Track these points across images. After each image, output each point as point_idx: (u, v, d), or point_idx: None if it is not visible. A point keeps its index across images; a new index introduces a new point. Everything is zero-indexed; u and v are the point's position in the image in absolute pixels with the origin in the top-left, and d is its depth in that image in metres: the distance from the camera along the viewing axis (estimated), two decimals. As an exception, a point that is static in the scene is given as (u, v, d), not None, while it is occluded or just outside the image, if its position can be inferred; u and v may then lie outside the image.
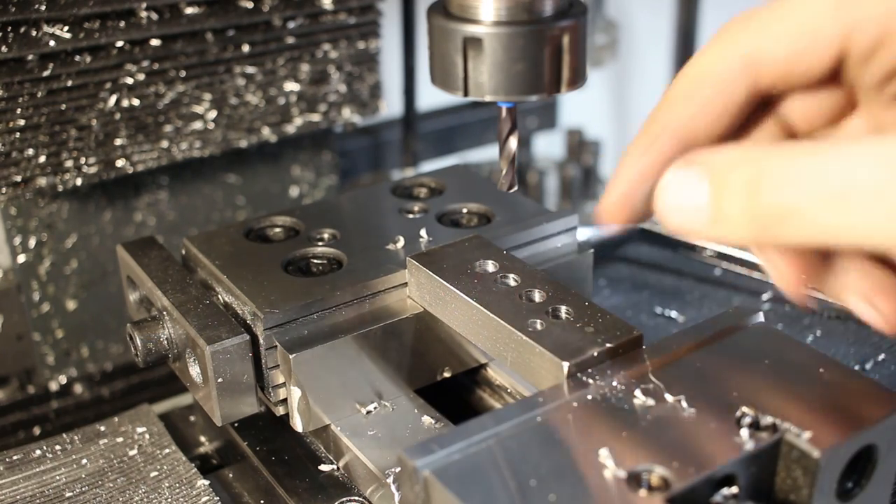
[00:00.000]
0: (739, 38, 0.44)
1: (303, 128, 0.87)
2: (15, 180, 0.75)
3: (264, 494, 0.63)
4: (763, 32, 0.43)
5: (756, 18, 0.44)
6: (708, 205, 0.41)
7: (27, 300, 0.84)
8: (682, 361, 0.51)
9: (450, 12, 0.52)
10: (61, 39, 0.72)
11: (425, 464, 0.44)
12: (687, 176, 0.42)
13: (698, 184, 0.41)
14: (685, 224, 0.42)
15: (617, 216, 0.47)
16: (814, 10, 0.42)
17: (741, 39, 0.44)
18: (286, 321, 0.59)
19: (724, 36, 0.45)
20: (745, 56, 0.44)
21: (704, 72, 0.45)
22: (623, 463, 0.43)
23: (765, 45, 0.43)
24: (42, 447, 0.66)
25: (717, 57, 0.45)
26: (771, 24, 0.43)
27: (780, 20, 0.43)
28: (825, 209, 0.37)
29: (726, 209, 0.40)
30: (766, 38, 0.43)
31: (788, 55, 0.43)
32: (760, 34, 0.43)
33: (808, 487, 0.44)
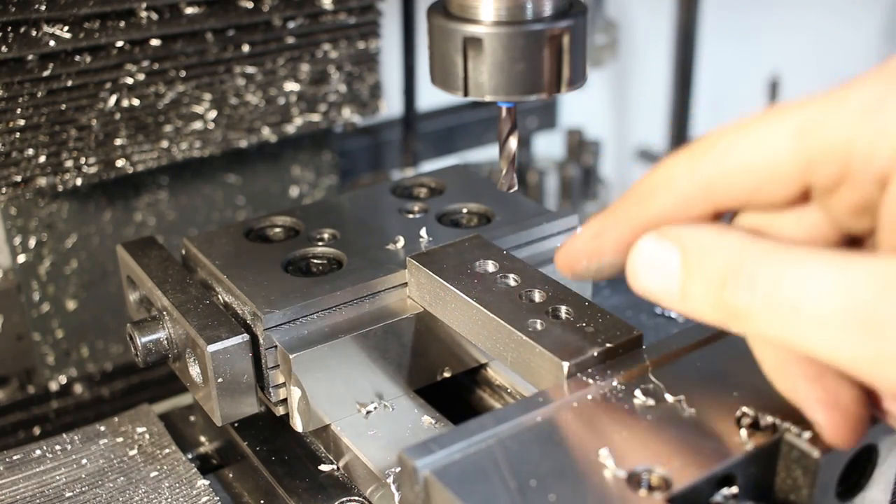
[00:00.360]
0: (701, 162, 0.43)
1: (303, 128, 0.87)
2: (15, 180, 0.75)
3: (264, 494, 0.63)
4: (723, 162, 0.43)
5: (718, 145, 0.43)
6: (677, 281, 0.42)
7: (27, 300, 0.84)
8: (682, 361, 0.51)
9: (450, 12, 0.52)
10: (61, 39, 0.72)
11: (425, 464, 0.44)
12: (661, 249, 0.43)
13: (670, 259, 0.43)
14: (654, 293, 0.44)
15: (567, 268, 0.49)
16: (773, 143, 0.41)
17: (703, 164, 0.43)
18: (286, 321, 0.59)
19: (688, 155, 0.44)
20: (705, 181, 0.43)
21: (664, 183, 0.44)
22: (623, 463, 0.43)
23: (724, 176, 0.43)
24: (42, 447, 0.66)
25: (680, 173, 0.44)
26: (731, 154, 0.43)
27: (740, 153, 0.42)
28: (778, 318, 0.39)
29: (693, 291, 0.42)
30: (725, 170, 0.43)
31: (748, 188, 0.43)
32: (721, 164, 0.43)
33: (808, 487, 0.44)
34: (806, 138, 0.40)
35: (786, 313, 0.39)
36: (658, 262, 0.43)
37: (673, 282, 0.43)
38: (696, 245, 0.42)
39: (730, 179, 0.43)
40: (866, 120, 0.39)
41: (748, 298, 0.40)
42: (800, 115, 0.40)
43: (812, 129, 0.40)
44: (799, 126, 0.40)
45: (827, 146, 0.40)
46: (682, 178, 0.44)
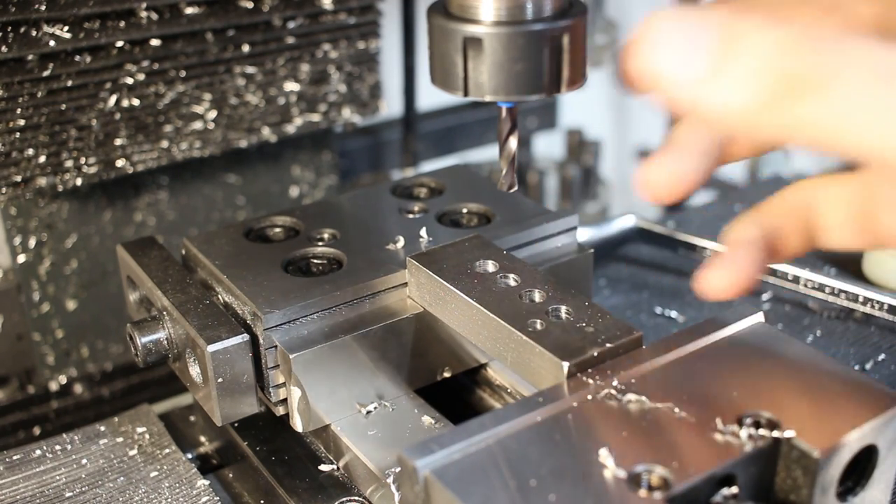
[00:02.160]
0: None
1: (303, 128, 0.87)
2: (15, 180, 0.75)
3: (264, 494, 0.63)
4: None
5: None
6: (711, 54, 0.33)
7: (27, 300, 0.84)
8: (682, 361, 0.51)
9: (450, 12, 0.51)
10: (61, 39, 0.72)
11: (425, 464, 0.44)
12: (691, 21, 0.34)
13: (704, 30, 0.33)
14: (669, 68, 0.34)
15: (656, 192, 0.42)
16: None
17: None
18: (286, 321, 0.59)
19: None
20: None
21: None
22: (623, 463, 0.43)
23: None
24: (42, 447, 0.66)
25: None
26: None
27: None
28: (871, 93, 0.31)
29: (742, 58, 0.33)
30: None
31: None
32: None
33: (808, 487, 0.44)
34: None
35: (885, 80, 0.31)
36: (686, 32, 0.34)
37: (702, 54, 0.33)
38: (743, 20, 0.33)
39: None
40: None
41: (835, 60, 0.32)
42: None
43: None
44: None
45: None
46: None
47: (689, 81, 0.33)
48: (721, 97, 0.33)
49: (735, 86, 0.33)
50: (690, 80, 0.33)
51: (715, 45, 0.33)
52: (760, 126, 0.33)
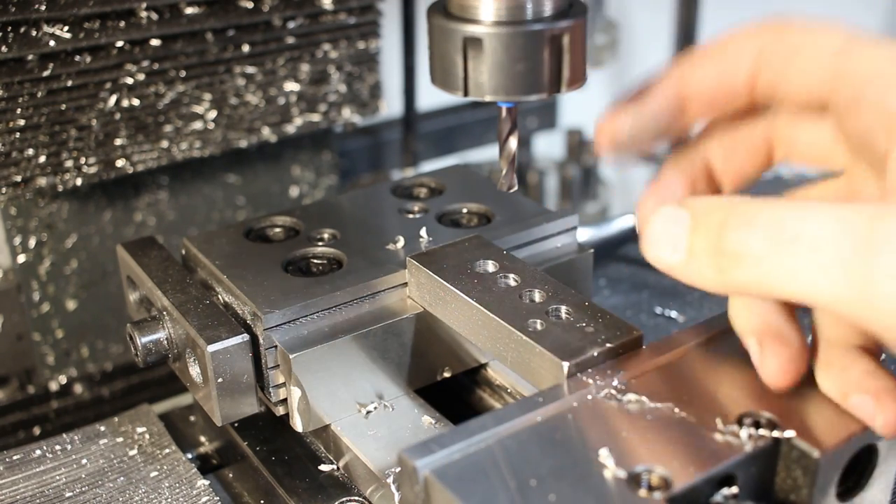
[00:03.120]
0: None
1: (303, 128, 0.87)
2: (15, 180, 0.75)
3: (264, 494, 0.63)
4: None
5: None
6: (685, 242, 0.45)
7: (27, 300, 0.84)
8: (683, 361, 0.51)
9: (450, 12, 0.51)
10: (61, 39, 0.72)
11: (425, 464, 0.44)
12: (674, 214, 0.45)
13: (682, 222, 0.45)
14: (665, 258, 0.46)
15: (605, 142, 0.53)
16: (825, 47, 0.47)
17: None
18: (286, 321, 0.59)
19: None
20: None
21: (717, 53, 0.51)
22: (623, 463, 0.43)
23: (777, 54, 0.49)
24: (42, 447, 0.66)
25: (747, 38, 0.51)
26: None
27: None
28: (775, 255, 0.41)
29: (696, 247, 0.44)
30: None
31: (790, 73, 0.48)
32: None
33: (808, 487, 0.44)
34: (849, 54, 0.45)
35: (783, 249, 0.40)
36: (670, 225, 0.45)
37: (682, 243, 0.45)
38: (703, 205, 0.44)
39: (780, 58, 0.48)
40: (893, 69, 0.43)
41: (745, 235, 0.42)
42: (849, 40, 0.46)
43: (859, 47, 0.45)
44: (848, 41, 0.46)
45: (856, 68, 0.45)
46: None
47: (678, 266, 0.45)
48: (692, 277, 0.45)
49: (697, 268, 0.44)
50: (679, 265, 0.45)
51: (683, 242, 0.45)
52: (724, 292, 0.45)
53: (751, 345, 0.48)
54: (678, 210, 0.45)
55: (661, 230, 0.46)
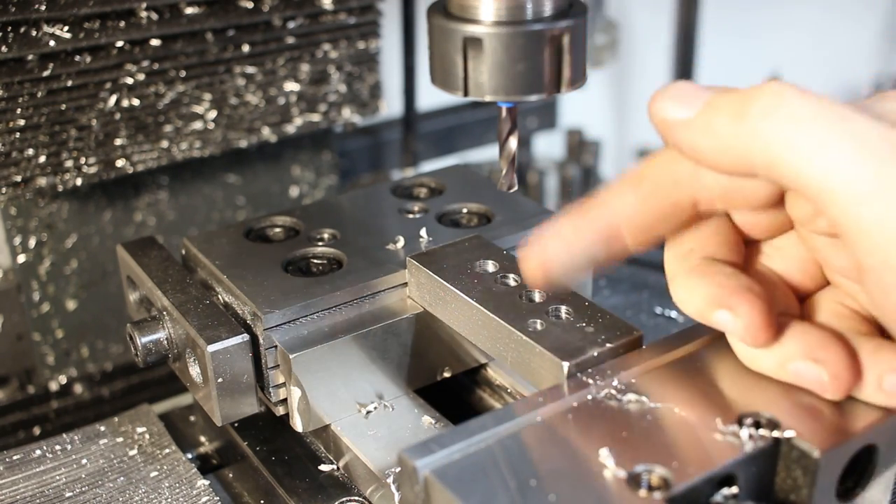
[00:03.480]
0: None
1: (303, 128, 0.87)
2: (15, 180, 0.75)
3: (264, 494, 0.63)
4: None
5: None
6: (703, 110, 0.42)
7: (27, 300, 0.84)
8: (683, 361, 0.51)
9: (450, 12, 0.51)
10: (61, 39, 0.72)
11: (425, 464, 0.44)
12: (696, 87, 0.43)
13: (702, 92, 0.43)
14: (668, 110, 0.44)
15: (535, 276, 0.49)
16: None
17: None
18: (286, 321, 0.59)
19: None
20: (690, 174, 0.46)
21: (653, 173, 0.47)
22: (623, 463, 0.43)
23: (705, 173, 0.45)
24: (42, 447, 0.66)
25: (669, 162, 0.47)
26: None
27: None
28: (815, 124, 0.39)
29: (720, 101, 0.42)
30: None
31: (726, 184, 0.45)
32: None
33: (808, 487, 0.44)
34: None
35: (830, 119, 0.39)
36: (692, 89, 0.44)
37: (698, 99, 0.43)
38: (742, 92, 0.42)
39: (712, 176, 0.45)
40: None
41: (791, 94, 0.40)
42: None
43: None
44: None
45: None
46: (671, 169, 0.46)
47: (682, 126, 0.43)
48: (703, 146, 0.43)
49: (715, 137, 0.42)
50: (683, 125, 0.43)
51: (696, 102, 0.43)
52: (727, 153, 0.42)
53: (720, 316, 0.46)
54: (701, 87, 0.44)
55: (681, 90, 0.44)
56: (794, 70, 1.68)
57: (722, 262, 0.48)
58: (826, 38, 1.81)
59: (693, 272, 0.48)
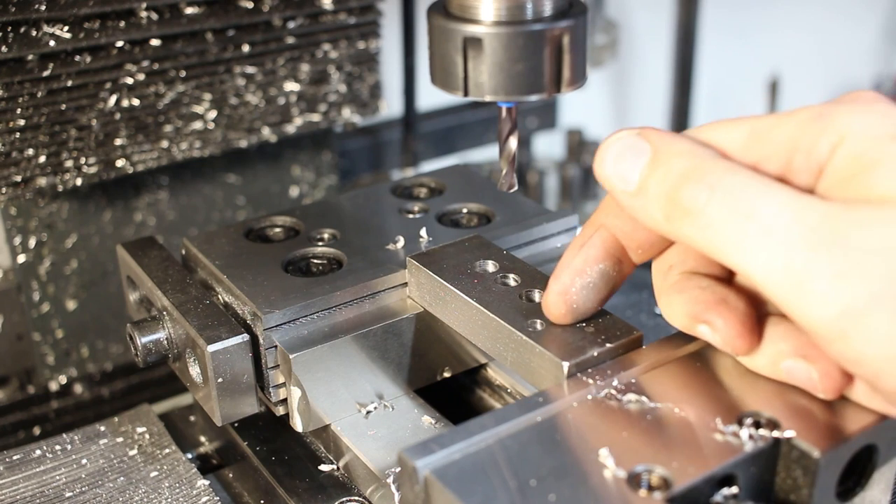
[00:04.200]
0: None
1: (303, 128, 0.87)
2: (15, 180, 0.75)
3: (264, 494, 0.63)
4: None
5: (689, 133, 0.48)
6: (638, 174, 0.45)
7: (27, 300, 0.84)
8: (683, 361, 0.51)
9: (450, 12, 0.51)
10: (61, 39, 0.72)
11: (425, 464, 0.44)
12: (635, 141, 0.45)
13: (641, 152, 0.45)
14: (613, 181, 0.46)
15: (560, 311, 0.53)
16: (730, 137, 0.46)
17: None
18: (286, 321, 0.59)
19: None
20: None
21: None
22: (623, 463, 0.43)
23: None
24: (42, 447, 0.66)
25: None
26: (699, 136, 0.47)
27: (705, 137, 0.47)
28: (727, 224, 0.42)
29: (650, 185, 0.44)
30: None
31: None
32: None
33: (808, 487, 0.44)
34: (757, 139, 0.45)
35: (737, 217, 0.41)
36: (628, 152, 0.45)
37: (634, 174, 0.45)
38: (668, 147, 0.45)
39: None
40: (810, 126, 0.44)
41: (705, 197, 0.42)
42: (754, 121, 0.46)
43: (763, 131, 0.45)
44: (752, 128, 0.46)
45: (774, 146, 0.45)
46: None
47: (622, 193, 0.46)
48: (637, 210, 0.46)
49: (645, 204, 0.45)
50: (623, 193, 0.46)
51: (641, 168, 0.45)
52: (665, 232, 0.45)
53: (700, 330, 0.48)
54: (639, 140, 0.46)
55: (618, 155, 0.46)
56: (794, 70, 1.69)
57: (702, 276, 0.50)
58: (826, 38, 1.81)
59: (673, 288, 0.50)
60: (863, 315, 0.39)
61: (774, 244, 0.41)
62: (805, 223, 0.40)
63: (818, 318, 0.40)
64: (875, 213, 0.40)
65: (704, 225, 0.43)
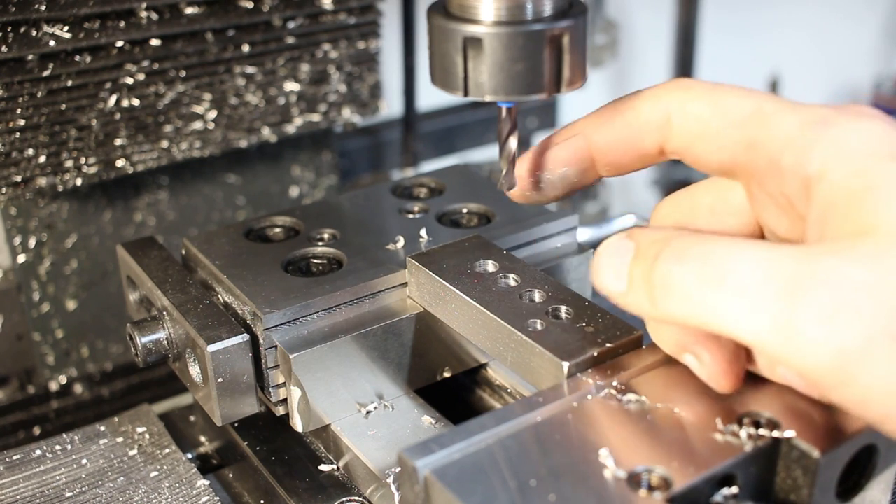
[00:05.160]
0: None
1: (303, 128, 0.87)
2: (15, 180, 0.75)
3: (264, 494, 0.63)
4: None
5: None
6: (627, 273, 0.45)
7: (27, 300, 0.84)
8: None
9: (450, 12, 0.51)
10: (61, 39, 0.72)
11: (425, 464, 0.44)
12: (620, 245, 0.46)
13: (626, 254, 0.46)
14: (609, 287, 0.47)
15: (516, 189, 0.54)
16: (733, 114, 0.47)
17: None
18: (286, 321, 0.59)
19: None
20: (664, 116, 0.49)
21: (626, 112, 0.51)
22: (623, 463, 0.43)
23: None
24: (42, 447, 0.66)
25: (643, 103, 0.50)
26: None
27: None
28: (703, 292, 0.41)
29: (634, 277, 0.45)
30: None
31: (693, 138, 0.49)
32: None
33: (808, 487, 0.44)
34: (761, 122, 0.45)
35: (710, 285, 0.41)
36: (616, 255, 0.46)
37: (624, 272, 0.45)
38: (646, 237, 0.45)
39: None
40: (807, 133, 0.43)
41: (676, 271, 0.42)
42: (762, 100, 0.46)
43: (770, 114, 0.45)
44: (758, 107, 0.46)
45: (770, 136, 0.45)
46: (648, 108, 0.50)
47: (616, 295, 0.46)
48: (630, 305, 0.46)
49: (634, 296, 0.45)
50: (617, 295, 0.46)
51: (625, 275, 0.45)
52: (657, 320, 0.47)
53: (687, 359, 0.48)
54: (625, 241, 0.46)
55: (608, 259, 0.46)
56: (794, 70, 1.69)
57: None
58: (826, 38, 1.81)
59: None
60: (860, 355, 0.38)
61: (753, 304, 0.40)
62: (781, 274, 0.39)
63: (814, 367, 0.39)
64: (856, 247, 0.39)
65: (683, 299, 0.42)
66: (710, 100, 0.48)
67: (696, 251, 0.42)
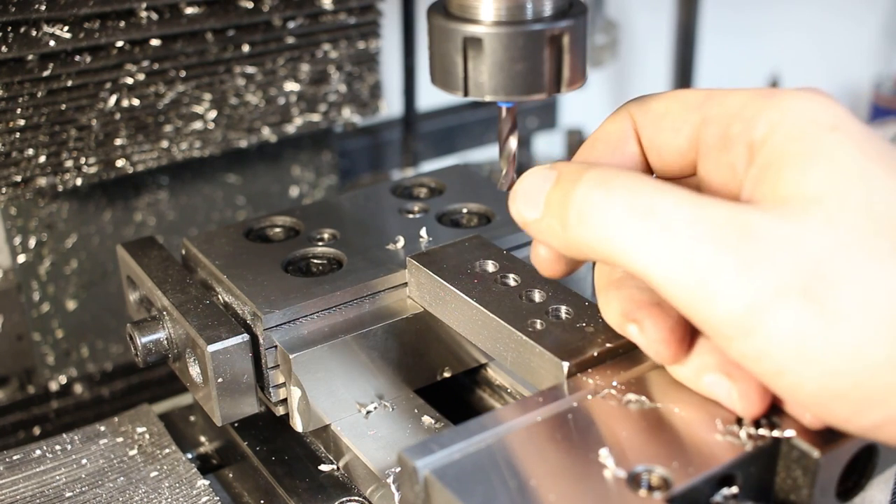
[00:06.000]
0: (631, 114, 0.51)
1: (303, 128, 0.87)
2: (15, 180, 0.75)
3: (264, 494, 0.63)
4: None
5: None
6: (544, 199, 0.46)
7: (27, 300, 0.84)
8: (682, 361, 0.51)
9: (450, 12, 0.51)
10: (61, 39, 0.72)
11: (425, 464, 0.44)
12: (544, 173, 0.47)
13: (547, 181, 0.46)
14: (522, 214, 0.47)
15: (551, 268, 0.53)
16: (689, 97, 0.48)
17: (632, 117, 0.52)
18: (286, 321, 0.59)
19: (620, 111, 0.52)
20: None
21: (602, 135, 0.52)
22: (623, 463, 0.43)
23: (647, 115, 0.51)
24: (42, 447, 0.66)
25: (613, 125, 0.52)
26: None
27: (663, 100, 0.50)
28: (623, 221, 0.41)
29: (552, 200, 0.45)
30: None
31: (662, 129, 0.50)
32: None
33: (808, 487, 0.44)
34: (712, 99, 0.47)
35: (635, 214, 0.41)
36: (537, 183, 0.47)
37: (541, 199, 0.46)
38: (571, 165, 0.46)
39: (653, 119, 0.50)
40: (758, 99, 0.44)
41: (600, 195, 0.43)
42: (715, 90, 0.47)
43: (719, 95, 0.47)
44: (711, 92, 0.47)
45: (722, 108, 0.46)
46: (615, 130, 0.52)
47: (529, 223, 0.47)
48: (543, 231, 0.46)
49: (551, 214, 0.45)
50: (530, 222, 0.47)
51: (541, 203, 0.46)
52: (564, 246, 0.46)
53: (630, 330, 0.48)
54: (547, 170, 0.47)
55: (527, 186, 0.47)
56: (794, 70, 1.68)
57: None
58: (826, 38, 1.80)
59: (612, 285, 0.50)
60: (769, 309, 0.38)
61: (676, 240, 0.40)
62: (708, 220, 0.40)
63: (722, 316, 0.39)
64: (785, 205, 0.40)
65: (600, 225, 0.42)
66: (669, 95, 0.50)
67: (624, 181, 0.43)
